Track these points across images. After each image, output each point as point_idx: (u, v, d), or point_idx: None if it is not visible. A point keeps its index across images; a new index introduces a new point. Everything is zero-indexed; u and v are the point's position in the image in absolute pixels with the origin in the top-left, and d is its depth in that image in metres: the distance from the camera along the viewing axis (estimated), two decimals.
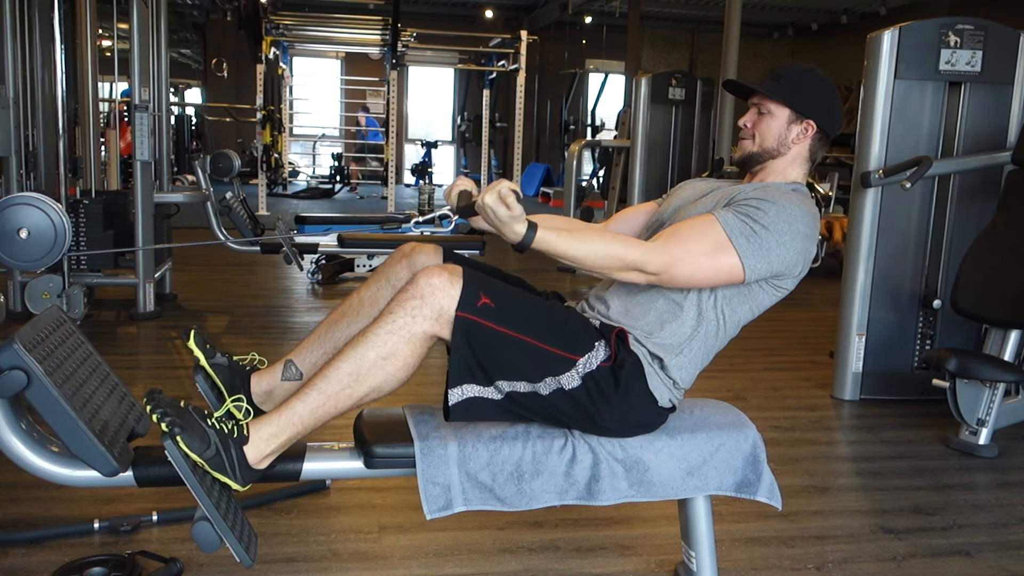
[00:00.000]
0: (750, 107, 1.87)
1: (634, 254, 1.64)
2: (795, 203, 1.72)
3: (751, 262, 1.67)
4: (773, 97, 1.82)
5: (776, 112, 1.82)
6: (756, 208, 1.69)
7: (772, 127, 1.83)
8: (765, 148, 1.84)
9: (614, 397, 1.65)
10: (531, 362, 1.61)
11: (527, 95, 10.72)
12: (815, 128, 1.83)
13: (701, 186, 1.93)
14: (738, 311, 1.77)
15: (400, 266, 1.84)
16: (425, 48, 11.63)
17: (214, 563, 2.03)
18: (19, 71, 4.20)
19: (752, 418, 1.86)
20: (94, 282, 4.62)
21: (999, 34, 3.50)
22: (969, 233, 3.52)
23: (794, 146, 1.84)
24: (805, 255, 1.73)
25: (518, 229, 1.58)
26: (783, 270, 1.72)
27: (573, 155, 7.12)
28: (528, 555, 2.19)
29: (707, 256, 1.66)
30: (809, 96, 1.82)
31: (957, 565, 2.26)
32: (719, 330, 1.77)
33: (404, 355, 1.57)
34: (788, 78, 1.82)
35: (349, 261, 6.07)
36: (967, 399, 3.11)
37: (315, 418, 1.58)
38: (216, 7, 12.29)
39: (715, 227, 1.68)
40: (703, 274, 1.67)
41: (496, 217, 1.56)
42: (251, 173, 10.28)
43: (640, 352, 1.72)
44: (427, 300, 1.56)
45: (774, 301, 1.80)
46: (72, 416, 1.48)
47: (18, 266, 2.83)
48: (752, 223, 1.68)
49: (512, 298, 1.65)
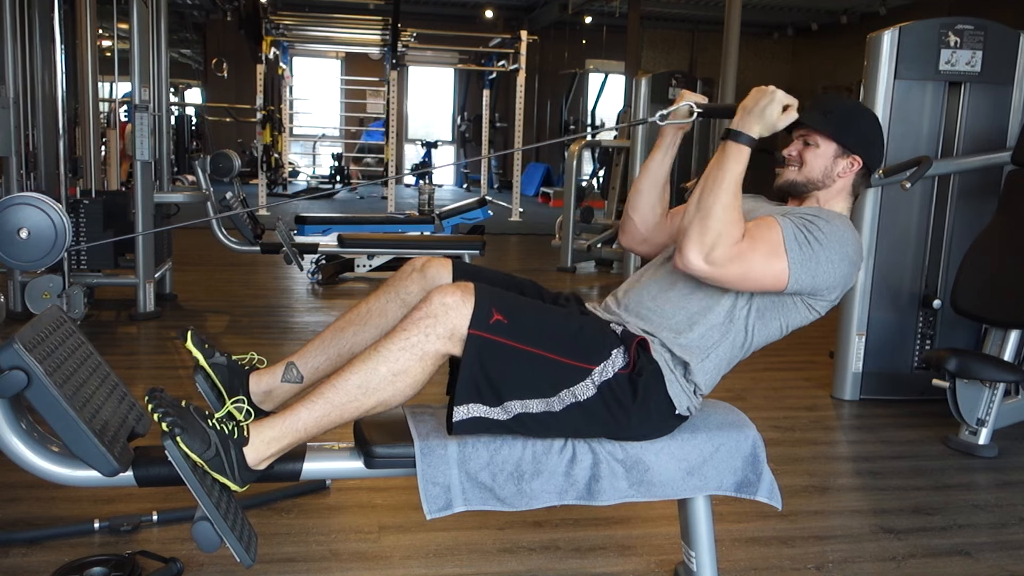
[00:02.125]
0: (796, 138, 1.87)
1: (734, 230, 1.64)
2: (849, 229, 1.74)
3: (797, 271, 1.67)
4: (822, 131, 1.82)
5: (823, 145, 1.82)
6: (812, 222, 1.70)
7: (819, 159, 1.83)
8: (811, 179, 1.84)
9: (631, 405, 1.64)
10: (545, 376, 1.61)
11: (527, 95, 10.71)
12: (860, 164, 1.83)
13: (749, 204, 1.90)
14: (769, 326, 1.78)
15: (411, 280, 1.84)
16: (425, 48, 11.63)
17: (214, 563, 2.03)
18: (19, 71, 4.20)
19: (752, 418, 1.86)
20: (94, 282, 4.62)
21: (999, 34, 3.50)
22: (969, 233, 3.53)
23: (839, 179, 1.84)
24: (846, 280, 1.74)
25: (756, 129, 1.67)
26: (824, 288, 1.72)
27: (573, 155, 7.12)
28: (528, 555, 2.19)
29: (762, 258, 1.66)
30: (856, 132, 1.83)
31: (957, 565, 2.26)
32: (746, 341, 1.77)
33: (415, 372, 1.58)
34: (836, 113, 1.83)
35: (349, 261, 6.07)
36: (967, 399, 3.11)
37: (319, 426, 1.59)
38: (216, 7, 12.28)
39: (775, 230, 1.68)
40: (751, 276, 1.67)
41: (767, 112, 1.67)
42: (251, 173, 10.28)
43: (662, 359, 1.71)
44: (440, 319, 1.56)
45: (805, 323, 1.81)
46: (72, 416, 1.48)
47: (18, 266, 2.82)
48: (807, 234, 1.68)
49: (525, 311, 1.65)
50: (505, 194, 12.28)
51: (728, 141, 1.68)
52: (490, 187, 13.05)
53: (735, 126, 1.70)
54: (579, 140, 7.83)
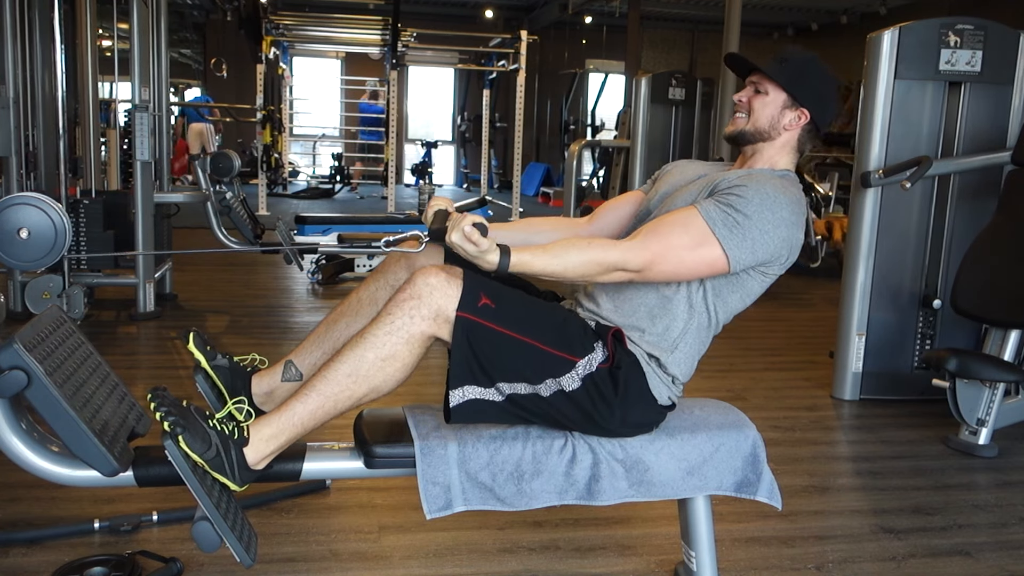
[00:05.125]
0: (748, 84, 1.86)
1: (613, 255, 1.63)
2: (779, 190, 1.70)
3: (735, 252, 1.66)
4: (774, 78, 1.80)
5: (773, 94, 1.81)
6: (739, 196, 1.68)
7: (767, 108, 1.81)
8: (757, 128, 1.82)
9: (614, 399, 1.65)
10: (531, 363, 1.61)
11: (527, 95, 10.70)
12: (808, 118, 1.81)
13: (690, 171, 1.91)
14: (729, 301, 1.77)
15: (399, 266, 1.84)
16: (425, 48, 11.62)
17: (214, 563, 2.03)
18: (19, 71, 4.20)
19: (752, 418, 1.86)
20: (94, 282, 4.62)
21: (999, 34, 3.50)
22: (969, 233, 3.52)
23: (785, 132, 1.82)
24: (791, 241, 1.72)
25: (491, 259, 1.59)
26: (769, 258, 1.71)
27: (573, 155, 7.13)
28: (528, 555, 2.19)
29: (689, 250, 1.65)
30: (808, 85, 1.81)
31: (957, 565, 2.26)
32: (711, 321, 1.77)
33: (403, 356, 1.58)
34: (792, 63, 1.81)
35: (349, 261, 6.06)
36: (967, 399, 3.11)
37: (314, 419, 1.59)
38: (216, 7, 12.28)
39: (697, 219, 1.67)
40: (686, 268, 1.67)
41: (467, 253, 1.58)
42: (251, 173, 10.28)
43: (637, 352, 1.72)
44: (425, 300, 1.56)
45: (764, 288, 1.79)
46: (72, 416, 1.48)
47: (18, 266, 2.84)
48: (734, 212, 1.66)
49: (512, 299, 1.65)
50: (505, 194, 12.27)
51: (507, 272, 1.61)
52: (490, 187, 13.04)
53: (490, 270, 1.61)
54: (579, 140, 7.82)
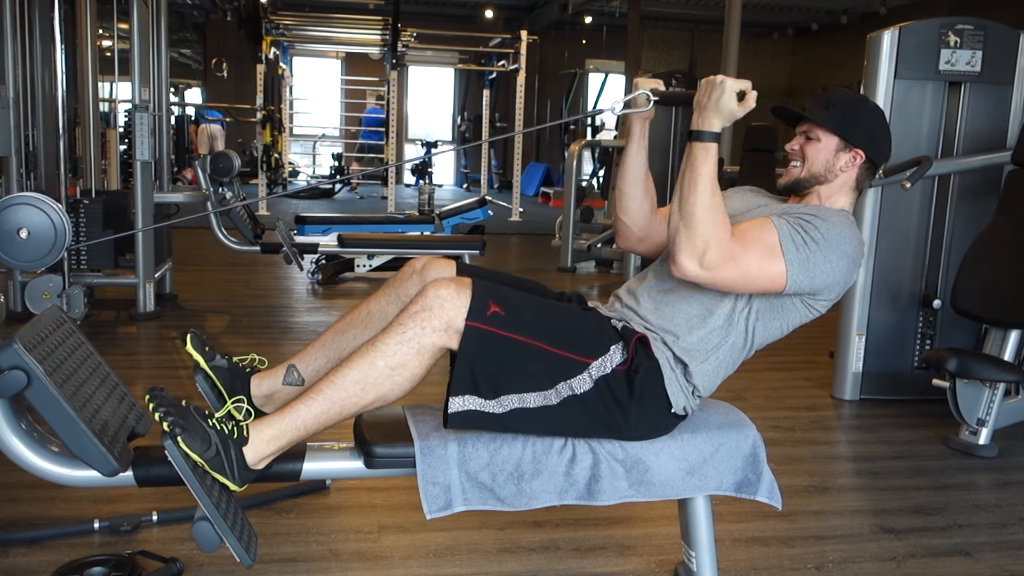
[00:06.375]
0: (798, 133, 1.86)
1: (721, 230, 1.61)
2: (847, 226, 1.72)
3: (795, 272, 1.66)
4: (823, 125, 1.81)
5: (825, 139, 1.81)
6: (808, 222, 1.69)
7: (820, 153, 1.81)
8: (813, 173, 1.82)
9: (628, 404, 1.64)
10: (543, 367, 1.61)
11: (527, 95, 10.70)
12: (863, 157, 1.82)
13: (749, 199, 1.91)
14: (769, 326, 1.77)
15: (411, 282, 1.83)
16: (425, 48, 11.62)
17: (214, 563, 2.03)
18: (19, 71, 4.20)
19: (752, 418, 1.86)
20: (94, 282, 4.62)
21: (999, 34, 3.50)
22: (969, 233, 3.52)
23: (841, 174, 1.82)
24: (846, 278, 1.72)
25: (717, 123, 1.62)
26: (823, 288, 1.71)
27: (573, 155, 7.12)
28: (528, 555, 2.19)
29: (757, 260, 1.65)
30: (859, 125, 1.81)
31: (957, 565, 2.26)
32: (747, 342, 1.77)
33: (413, 366, 1.58)
34: (839, 107, 1.81)
35: (349, 261, 6.06)
36: (967, 399, 3.11)
37: (318, 423, 1.59)
38: (216, 7, 12.29)
39: (771, 231, 1.67)
40: (748, 278, 1.66)
41: (721, 103, 1.61)
42: (251, 173, 10.28)
43: (663, 356, 1.71)
44: (436, 312, 1.56)
45: (803, 321, 1.79)
46: (72, 416, 1.48)
47: (18, 266, 2.83)
48: (804, 234, 1.67)
49: (523, 304, 1.65)
50: (505, 194, 12.28)
51: (693, 142, 1.65)
52: (490, 187, 13.05)
53: (695, 125, 1.66)
54: (579, 140, 7.82)
